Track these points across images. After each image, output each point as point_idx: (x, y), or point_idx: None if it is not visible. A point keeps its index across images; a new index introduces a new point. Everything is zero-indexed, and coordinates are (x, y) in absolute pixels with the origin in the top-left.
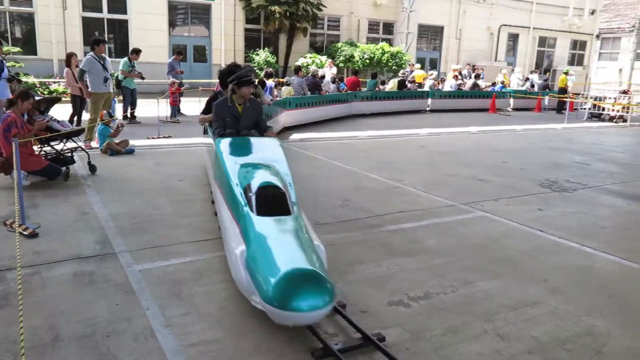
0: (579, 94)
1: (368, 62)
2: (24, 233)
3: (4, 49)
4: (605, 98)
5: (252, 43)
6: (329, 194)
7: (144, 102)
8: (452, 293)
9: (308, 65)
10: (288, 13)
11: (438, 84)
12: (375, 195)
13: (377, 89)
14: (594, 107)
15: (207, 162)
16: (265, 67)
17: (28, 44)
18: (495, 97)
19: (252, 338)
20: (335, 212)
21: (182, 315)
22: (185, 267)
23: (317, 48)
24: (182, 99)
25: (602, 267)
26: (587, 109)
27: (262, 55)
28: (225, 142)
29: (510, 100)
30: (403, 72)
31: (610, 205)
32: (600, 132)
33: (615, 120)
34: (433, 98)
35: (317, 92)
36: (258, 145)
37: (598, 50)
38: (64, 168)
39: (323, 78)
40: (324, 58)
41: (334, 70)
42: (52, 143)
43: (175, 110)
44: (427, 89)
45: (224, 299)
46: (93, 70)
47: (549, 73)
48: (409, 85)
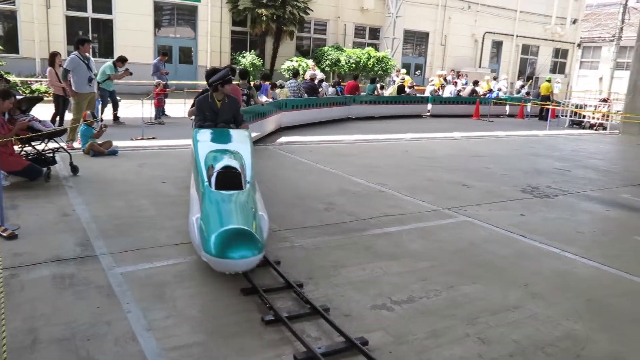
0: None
1: (354, 66)
2: (3, 235)
3: None
4: (586, 106)
5: (238, 45)
6: (314, 198)
7: (128, 102)
8: (435, 297)
9: (294, 69)
10: (275, 16)
11: (439, 90)
12: (360, 199)
13: (376, 93)
14: (575, 114)
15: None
16: (261, 70)
17: (10, 42)
18: (479, 103)
19: (234, 341)
20: (320, 215)
21: (164, 319)
22: (168, 269)
23: (303, 52)
24: (167, 101)
25: (581, 272)
26: (568, 117)
27: (248, 58)
28: (201, 131)
29: (507, 107)
30: (403, 77)
31: (590, 211)
32: (581, 139)
33: (596, 128)
34: (434, 104)
35: (314, 95)
36: (228, 135)
37: (579, 59)
38: (45, 169)
39: (321, 82)
40: (311, 62)
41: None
42: (33, 143)
43: (160, 112)
44: (427, 95)
45: (207, 302)
46: (77, 70)
47: (532, 80)
48: (408, 91)
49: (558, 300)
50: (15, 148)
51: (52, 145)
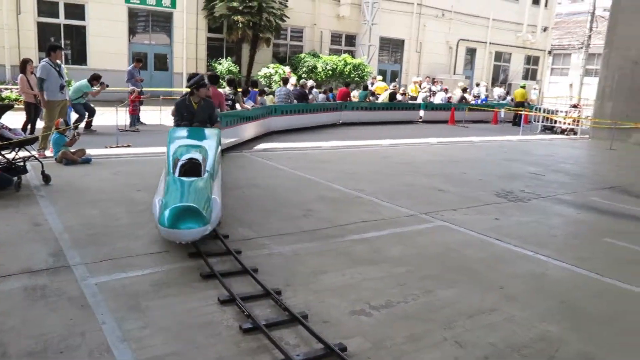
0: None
1: (331, 73)
2: None
3: None
4: (557, 112)
5: (214, 52)
6: (292, 205)
7: (102, 110)
8: (412, 301)
9: (271, 76)
10: (251, 23)
11: (431, 97)
12: (338, 205)
13: (367, 100)
14: (547, 120)
15: None
16: (229, 75)
17: None
18: (454, 109)
19: (211, 351)
20: (299, 222)
21: (139, 329)
22: (144, 279)
23: (280, 58)
24: (142, 108)
25: (554, 274)
26: (540, 122)
27: (224, 65)
28: (175, 129)
29: (502, 112)
30: (396, 85)
31: (562, 215)
32: (553, 144)
33: (567, 133)
34: (426, 110)
35: (304, 101)
36: (199, 133)
37: (550, 66)
38: (16, 178)
39: (312, 89)
40: (287, 68)
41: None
42: (3, 152)
43: (135, 119)
44: (420, 101)
45: (183, 312)
46: (49, 77)
47: (504, 86)
48: (400, 98)
49: (533, 303)
50: None
51: (22, 154)
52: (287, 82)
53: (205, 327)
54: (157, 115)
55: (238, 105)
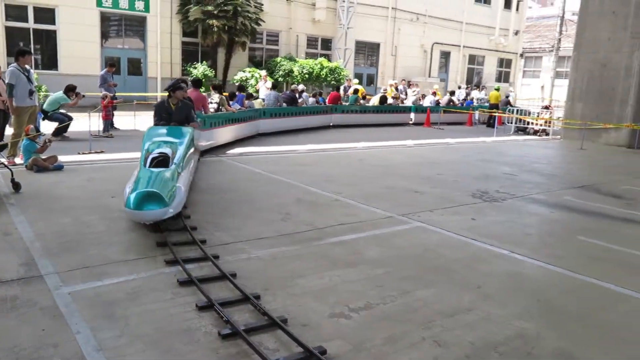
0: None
1: (307, 76)
2: None
3: None
4: (530, 113)
5: (189, 56)
6: (270, 208)
7: (75, 115)
8: (391, 303)
9: (247, 80)
10: (226, 27)
11: (421, 99)
12: (316, 208)
13: (358, 104)
14: (520, 121)
15: None
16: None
17: None
18: (430, 111)
19: (190, 359)
20: (277, 226)
21: (115, 337)
22: (119, 287)
23: (256, 62)
24: (115, 113)
25: (530, 272)
26: (513, 124)
27: (200, 69)
28: (152, 128)
29: (477, 114)
30: (386, 90)
31: (536, 214)
32: (526, 144)
33: (539, 134)
34: (416, 112)
35: (294, 105)
36: (172, 131)
37: (522, 68)
38: None
39: (302, 92)
40: (263, 72)
41: (269, 84)
42: None
43: (108, 125)
44: (410, 104)
45: (161, 319)
46: (18, 83)
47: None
48: (391, 101)
49: (509, 301)
50: None
51: None
52: (275, 87)
53: (183, 334)
54: (131, 121)
55: (223, 109)
